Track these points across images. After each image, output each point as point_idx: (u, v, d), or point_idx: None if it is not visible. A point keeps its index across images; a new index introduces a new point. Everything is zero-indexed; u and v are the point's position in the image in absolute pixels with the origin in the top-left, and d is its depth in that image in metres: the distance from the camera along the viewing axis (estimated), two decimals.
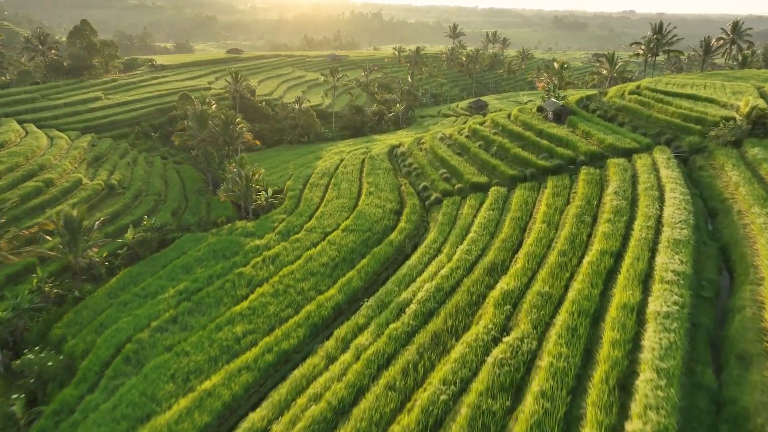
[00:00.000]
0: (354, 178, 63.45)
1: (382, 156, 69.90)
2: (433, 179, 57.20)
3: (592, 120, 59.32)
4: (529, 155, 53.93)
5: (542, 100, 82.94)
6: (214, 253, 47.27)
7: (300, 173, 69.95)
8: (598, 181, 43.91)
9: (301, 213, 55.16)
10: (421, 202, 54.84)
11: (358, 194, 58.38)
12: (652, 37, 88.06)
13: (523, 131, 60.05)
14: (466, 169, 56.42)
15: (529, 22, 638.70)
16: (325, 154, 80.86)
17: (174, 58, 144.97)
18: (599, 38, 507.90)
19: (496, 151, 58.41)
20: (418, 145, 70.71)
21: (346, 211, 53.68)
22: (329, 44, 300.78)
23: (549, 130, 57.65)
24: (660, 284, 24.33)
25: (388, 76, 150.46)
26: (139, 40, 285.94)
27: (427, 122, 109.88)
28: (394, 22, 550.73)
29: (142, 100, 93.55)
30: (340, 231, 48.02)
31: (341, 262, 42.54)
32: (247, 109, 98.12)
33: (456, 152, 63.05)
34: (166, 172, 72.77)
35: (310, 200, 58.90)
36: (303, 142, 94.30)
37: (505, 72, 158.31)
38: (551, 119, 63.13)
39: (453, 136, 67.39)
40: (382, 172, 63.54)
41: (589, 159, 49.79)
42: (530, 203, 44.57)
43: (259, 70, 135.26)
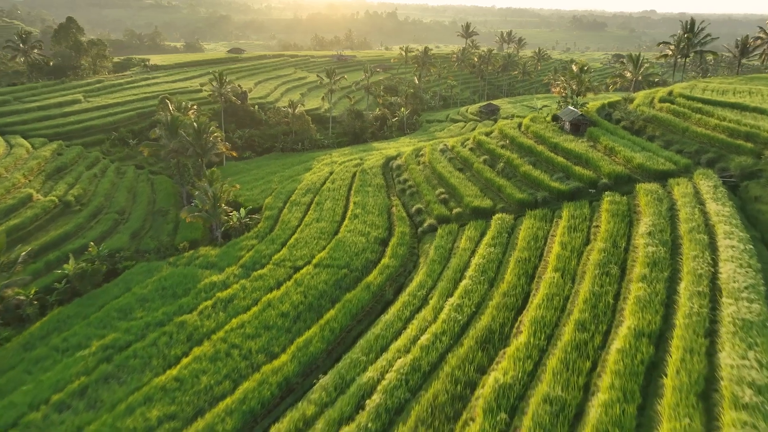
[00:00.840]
0: (340, 195, 55.31)
1: (376, 169, 61.63)
2: (429, 201, 48.78)
3: (616, 133, 50.40)
4: (542, 175, 45.32)
5: (558, 106, 74.17)
6: (162, 291, 39.54)
7: (283, 188, 62.02)
8: (625, 214, 35.18)
9: (274, 239, 47.18)
10: (412, 228, 46.50)
11: (342, 217, 50.23)
12: (683, 36, 78.57)
13: (535, 145, 51.38)
14: (467, 189, 47.94)
15: (546, 22, 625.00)
16: (317, 164, 72.84)
17: (169, 57, 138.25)
18: (619, 38, 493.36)
19: (503, 168, 49.81)
20: (417, 157, 62.31)
21: (325, 239, 45.57)
22: (340, 44, 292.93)
23: (565, 145, 48.90)
24: (734, 411, 15.75)
25: (396, 77, 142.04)
26: (149, 39, 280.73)
27: (434, 128, 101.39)
28: (409, 21, 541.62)
29: (125, 103, 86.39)
30: (312, 266, 39.94)
31: (305, 311, 34.39)
32: (237, 114, 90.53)
33: (457, 168, 54.59)
34: (137, 185, 65.26)
35: (287, 223, 50.93)
36: (296, 150, 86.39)
37: (519, 74, 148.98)
38: (568, 130, 54.34)
39: (455, 149, 58.88)
40: (373, 190, 55.28)
41: (614, 182, 41.03)
42: (540, 238, 36.00)
43: (259, 70, 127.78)
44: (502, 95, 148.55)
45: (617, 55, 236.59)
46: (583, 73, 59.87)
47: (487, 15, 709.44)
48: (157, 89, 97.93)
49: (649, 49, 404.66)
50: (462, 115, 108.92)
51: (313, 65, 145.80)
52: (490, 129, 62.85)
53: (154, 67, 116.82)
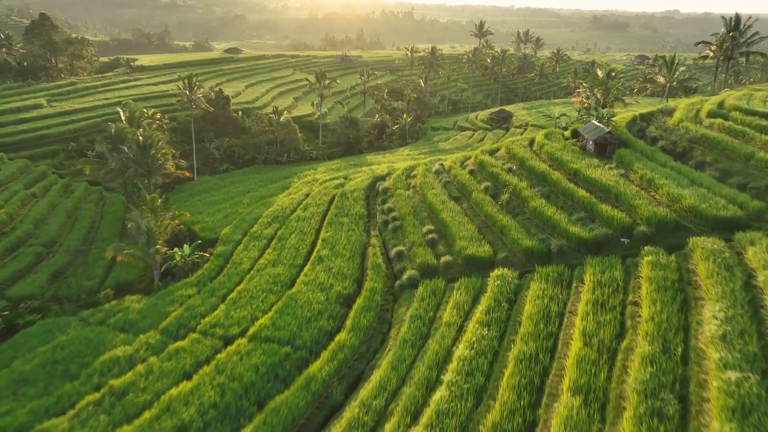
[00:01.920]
0: (310, 228, 44.99)
1: (358, 193, 51.14)
2: (413, 242, 38.14)
3: (654, 158, 39.25)
4: (557, 213, 34.52)
5: (579, 117, 63.01)
6: (51, 368, 29.99)
7: (249, 213, 51.98)
8: (677, 287, 24.29)
9: (215, 290, 37.12)
10: (389, 279, 35.94)
11: (305, 259, 39.91)
12: (727, 35, 66.73)
13: (549, 171, 40.44)
14: (462, 228, 37.25)
15: (566, 22, 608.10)
16: (296, 182, 62.63)
17: (159, 58, 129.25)
18: (641, 39, 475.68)
19: (508, 201, 38.99)
20: (407, 179, 51.70)
21: (276, 292, 35.35)
22: (351, 44, 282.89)
23: (589, 172, 37.90)
24: None
25: (402, 79, 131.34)
26: (158, 38, 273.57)
27: (439, 137, 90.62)
28: (426, 21, 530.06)
29: (93, 108, 77.13)
30: (246, 340, 29.74)
31: (215, 421, 24.11)
32: (217, 121, 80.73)
33: (453, 196, 43.89)
34: (83, 207, 55.64)
35: (238, 264, 40.81)
36: (281, 162, 76.29)
37: (536, 76, 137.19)
38: (592, 151, 43.34)
39: (452, 170, 48.13)
40: (349, 222, 44.81)
41: (656, 230, 30.07)
42: (553, 318, 25.28)
43: (255, 72, 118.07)
44: (517, 99, 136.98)
45: (641, 56, 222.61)
46: (611, 79, 48.58)
47: (506, 15, 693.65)
48: (135, 92, 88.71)
49: (673, 49, 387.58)
50: (471, 122, 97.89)
51: (315, 66, 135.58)
52: (496, 146, 51.93)
53: (139, 68, 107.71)
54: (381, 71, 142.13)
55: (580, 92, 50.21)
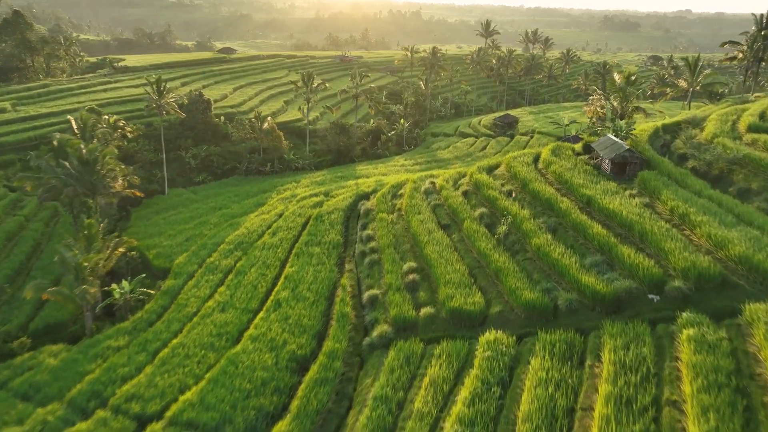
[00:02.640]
0: (275, 259, 38.22)
1: (337, 215, 44.23)
2: (390, 284, 31.15)
3: (686, 183, 32.02)
4: (566, 255, 27.51)
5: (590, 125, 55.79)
6: None
7: (212, 238, 45.36)
8: (735, 386, 17.18)
9: (147, 342, 30.53)
10: (357, 334, 29.02)
11: (261, 302, 33.16)
12: (758, 34, 59.13)
13: (557, 196, 33.31)
14: (449, 268, 30.25)
15: (576, 22, 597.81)
16: (273, 198, 55.88)
17: (146, 58, 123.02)
18: (653, 39, 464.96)
19: (507, 234, 31.97)
20: (393, 199, 44.72)
21: (217, 350, 28.70)
22: (356, 43, 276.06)
23: (605, 201, 30.70)
24: None
25: (403, 81, 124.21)
26: (159, 38, 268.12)
27: (438, 144, 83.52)
28: (434, 21, 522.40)
29: (61, 113, 70.79)
30: (163, 424, 23.00)
31: None
32: (196, 127, 74.15)
33: (442, 223, 36.91)
34: (29, 227, 49.23)
35: (183, 307, 34.13)
36: (263, 173, 69.57)
37: (544, 78, 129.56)
38: (608, 171, 36.19)
39: (443, 191, 41.06)
40: (321, 252, 37.93)
41: (696, 286, 22.97)
42: (561, 418, 18.27)
43: (247, 73, 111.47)
44: (523, 102, 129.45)
45: (654, 57, 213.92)
46: (630, 84, 41.10)
47: (515, 15, 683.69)
48: (112, 96, 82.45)
49: (686, 50, 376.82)
50: (473, 128, 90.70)
51: (312, 67, 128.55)
52: (495, 161, 44.78)
53: (123, 69, 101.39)
54: (381, 72, 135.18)
55: (593, 100, 42.84)
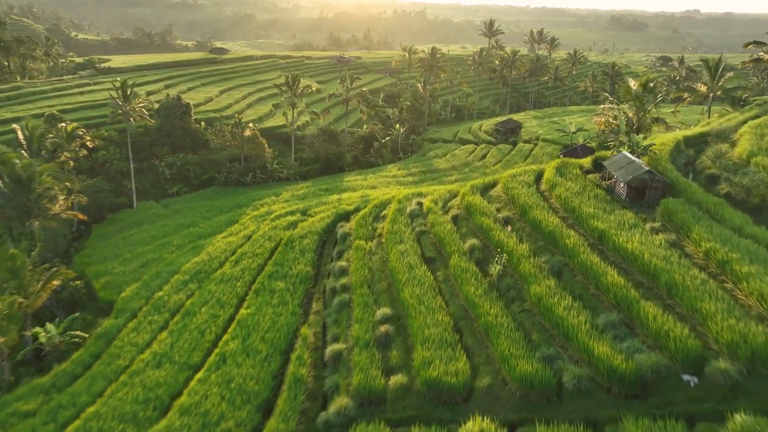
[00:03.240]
0: (232, 295, 32.66)
1: (310, 240, 38.57)
2: (358, 337, 25.37)
3: (721, 215, 26.06)
4: (573, 311, 21.81)
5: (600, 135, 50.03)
6: None
7: (169, 264, 39.87)
8: None
9: (61, 408, 25.33)
10: (314, 404, 23.30)
11: (205, 355, 27.52)
12: None
13: (561, 228, 27.45)
14: (429, 320, 24.53)
15: (583, 22, 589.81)
16: (248, 214, 50.26)
17: (133, 58, 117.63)
18: (661, 39, 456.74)
19: (500, 275, 26.22)
20: (374, 221, 39.00)
21: (138, 423, 23.06)
22: (358, 43, 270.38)
23: (621, 239, 24.80)
24: None
25: (402, 83, 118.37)
26: (159, 38, 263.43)
27: (435, 151, 77.68)
28: (439, 21, 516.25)
29: (26, 118, 65.32)
30: None
31: None
32: (174, 133, 68.68)
33: (426, 256, 31.19)
34: None
35: (115, 357, 28.69)
36: (243, 184, 63.98)
37: (550, 79, 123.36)
38: (623, 196, 30.32)
39: (431, 214, 35.27)
40: (285, 288, 32.29)
41: (747, 371, 17.14)
42: None
43: (237, 74, 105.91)
44: (528, 105, 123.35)
45: (664, 58, 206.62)
46: (649, 92, 34.96)
47: (521, 15, 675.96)
48: (88, 99, 77.22)
49: (695, 50, 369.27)
50: (473, 133, 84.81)
51: (307, 69, 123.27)
52: (492, 179, 38.88)
53: (106, 71, 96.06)
54: (380, 74, 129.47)
55: (605, 110, 36.81)
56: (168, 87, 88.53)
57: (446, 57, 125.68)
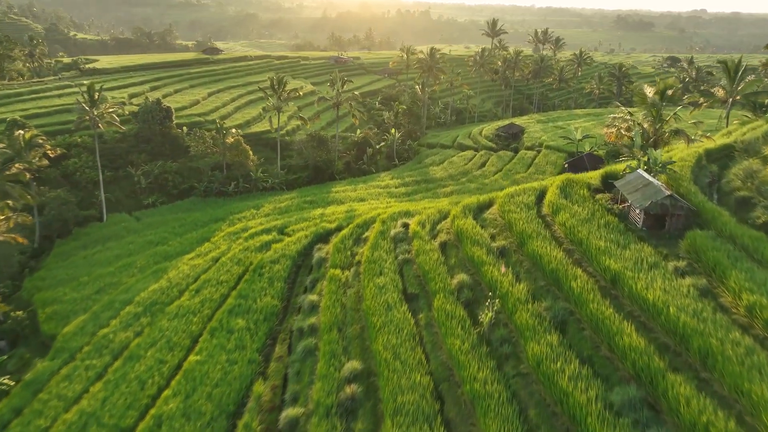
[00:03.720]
0: (185, 335, 28.26)
1: (282, 265, 34.12)
2: (319, 400, 20.85)
3: (762, 253, 21.29)
4: (581, 381, 17.09)
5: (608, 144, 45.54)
6: None
7: (125, 292, 35.66)
8: None
9: None
10: None
11: (138, 418, 23.08)
12: None
13: (566, 267, 22.79)
14: (403, 381, 20.01)
15: (588, 22, 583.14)
16: (223, 230, 45.87)
17: (120, 59, 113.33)
18: (667, 39, 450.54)
19: (492, 325, 21.65)
20: (354, 246, 34.50)
21: None
22: (359, 43, 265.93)
23: (640, 286, 20.05)
24: None
25: (400, 84, 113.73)
26: (159, 37, 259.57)
27: (432, 158, 73.10)
28: (443, 20, 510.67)
29: None
30: None
31: None
32: (153, 139, 64.37)
33: (408, 292, 26.67)
34: None
35: (37, 415, 24.58)
36: (225, 194, 59.65)
37: (554, 81, 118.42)
38: (640, 225, 25.66)
39: (416, 240, 30.67)
40: (245, 328, 27.82)
41: None
42: None
43: (228, 76, 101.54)
44: (531, 108, 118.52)
45: (672, 58, 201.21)
46: (665, 100, 30.26)
47: (526, 14, 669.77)
48: (64, 102, 72.89)
49: (702, 50, 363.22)
50: (474, 138, 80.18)
51: (302, 69, 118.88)
52: (486, 198, 34.27)
53: (91, 72, 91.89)
54: (379, 75, 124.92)
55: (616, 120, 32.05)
56: (154, 89, 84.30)
57: (446, 58, 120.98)
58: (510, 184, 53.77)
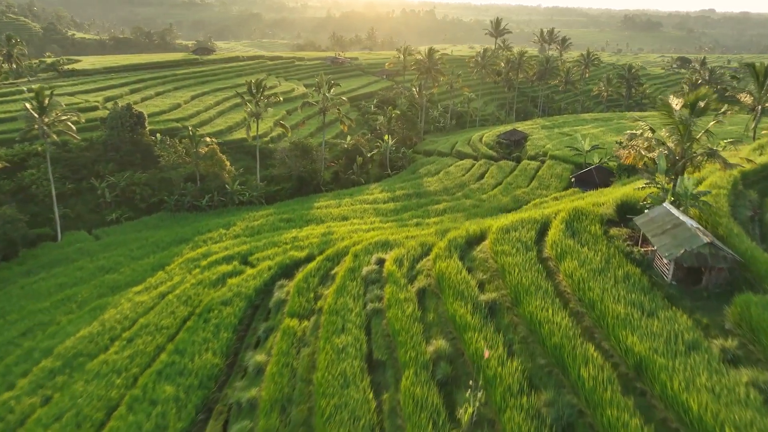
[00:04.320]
0: (99, 407, 22.93)
1: (234, 310, 28.47)
2: None
3: None
4: None
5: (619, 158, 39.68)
6: None
7: (49, 338, 30.22)
8: None
9: None
10: None
11: None
12: None
13: (574, 341, 17.07)
14: None
15: (595, 22, 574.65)
16: (184, 255, 40.36)
17: (102, 60, 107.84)
18: (676, 39, 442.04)
19: (473, 424, 15.94)
20: (319, 286, 28.88)
21: None
22: (361, 43, 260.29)
23: (676, 385, 14.41)
24: None
25: (398, 86, 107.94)
26: (158, 37, 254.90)
27: (428, 167, 67.37)
28: (448, 20, 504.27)
29: None
30: None
31: None
32: (122, 148, 59.01)
33: (373, 359, 21.04)
34: None
35: None
36: (198, 208, 54.25)
37: (561, 83, 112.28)
38: (669, 278, 19.90)
39: (389, 283, 24.97)
40: (174, 397, 22.25)
41: None
42: None
43: (216, 77, 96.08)
44: (536, 112, 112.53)
45: (682, 59, 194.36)
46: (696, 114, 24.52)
47: (532, 14, 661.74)
48: None
49: (711, 51, 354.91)
50: (473, 146, 74.42)
51: (296, 71, 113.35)
52: (478, 228, 28.49)
53: (69, 73, 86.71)
54: (377, 76, 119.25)
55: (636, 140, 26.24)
56: (134, 92, 79.05)
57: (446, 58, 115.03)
58: (510, 201, 48.03)
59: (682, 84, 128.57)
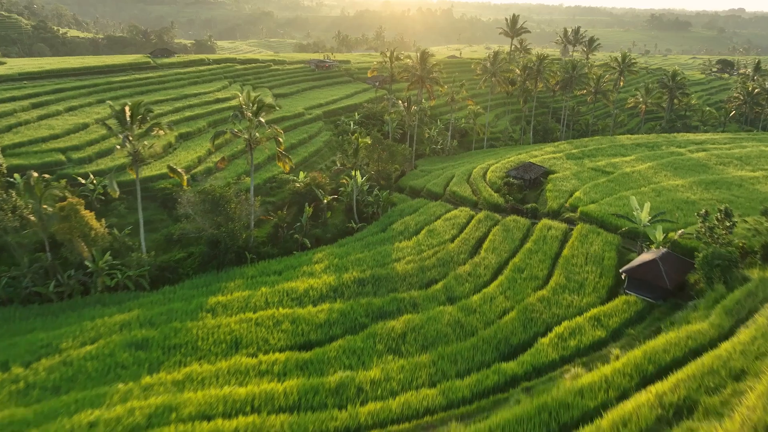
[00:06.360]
0: None
1: None
2: None
3: None
4: None
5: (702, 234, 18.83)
6: None
7: None
8: None
9: None
10: None
11: None
12: None
13: None
14: None
15: (619, 21, 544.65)
16: None
17: (29, 62, 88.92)
18: (705, 40, 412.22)
19: None
20: None
21: None
22: (367, 43, 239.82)
23: None
24: None
25: (393, 95, 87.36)
26: (156, 36, 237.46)
27: (405, 220, 46.89)
28: (466, 19, 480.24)
29: None
30: None
31: None
32: None
33: None
34: None
35: None
36: (44, 298, 34.81)
37: (589, 93, 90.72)
38: None
39: None
40: None
41: None
42: None
43: (163, 86, 76.40)
44: (558, 129, 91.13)
45: (723, 62, 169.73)
46: None
47: (554, 13, 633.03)
48: None
49: (746, 51, 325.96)
50: (474, 184, 53.97)
51: (270, 78, 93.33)
52: None
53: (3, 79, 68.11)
54: (369, 83, 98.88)
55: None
56: (36, 106, 60.12)
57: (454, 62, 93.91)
58: (517, 322, 27.60)
59: (734, 93, 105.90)
